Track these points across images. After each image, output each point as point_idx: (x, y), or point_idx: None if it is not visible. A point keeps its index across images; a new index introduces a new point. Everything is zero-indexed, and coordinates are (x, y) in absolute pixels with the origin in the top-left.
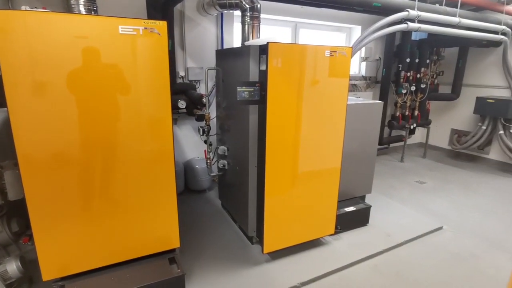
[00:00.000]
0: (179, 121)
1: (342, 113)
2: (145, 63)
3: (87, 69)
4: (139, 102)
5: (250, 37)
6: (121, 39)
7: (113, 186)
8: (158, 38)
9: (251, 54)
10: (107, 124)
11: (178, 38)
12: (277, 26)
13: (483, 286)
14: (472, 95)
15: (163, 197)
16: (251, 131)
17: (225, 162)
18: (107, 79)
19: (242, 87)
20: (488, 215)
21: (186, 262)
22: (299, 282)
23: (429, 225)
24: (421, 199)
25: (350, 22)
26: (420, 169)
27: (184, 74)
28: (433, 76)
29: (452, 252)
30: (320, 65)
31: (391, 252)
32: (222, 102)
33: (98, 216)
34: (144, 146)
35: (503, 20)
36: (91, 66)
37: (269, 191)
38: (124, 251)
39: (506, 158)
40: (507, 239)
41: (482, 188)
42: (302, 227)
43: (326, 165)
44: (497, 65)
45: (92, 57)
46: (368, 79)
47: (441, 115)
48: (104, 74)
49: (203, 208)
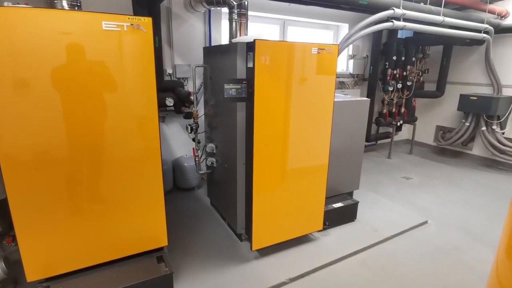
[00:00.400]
0: (167, 119)
1: (329, 110)
2: (130, 60)
3: (70, 66)
4: (124, 100)
5: (237, 34)
6: (104, 35)
7: (99, 185)
8: (143, 34)
9: (238, 51)
10: (91, 122)
11: (165, 35)
12: (265, 23)
13: (466, 279)
14: (456, 93)
15: (151, 195)
16: (239, 129)
17: (214, 160)
18: (91, 77)
19: (229, 85)
20: (471, 209)
21: (174, 260)
22: (288, 278)
23: (414, 220)
24: (407, 194)
25: (338, 20)
26: (406, 165)
27: (172, 71)
28: (419, 74)
29: (436, 246)
30: (307, 62)
31: (378, 246)
32: (210, 100)
33: (83, 216)
34: (131, 145)
35: (486, 18)
36: (74, 63)
37: (258, 188)
38: (111, 250)
39: (488, 154)
40: (489, 233)
41: (466, 183)
42: (290, 224)
43: (314, 161)
44: (480, 63)
45: (75, 54)
46: (355, 77)
47: (426, 112)
48: (87, 71)
49: (192, 206)
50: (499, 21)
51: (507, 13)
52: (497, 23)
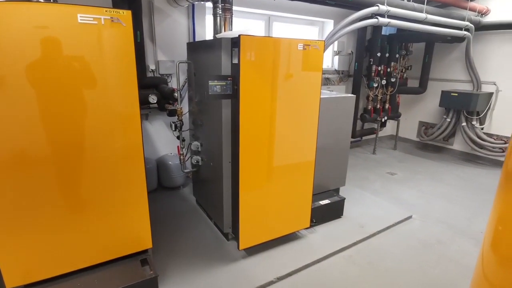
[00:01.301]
0: (151, 117)
1: (315, 106)
2: (109, 56)
3: (44, 62)
4: (104, 97)
5: (222, 29)
6: (80, 29)
7: (78, 186)
8: (122, 28)
9: (222, 47)
10: (69, 120)
11: (147, 30)
12: (250, 19)
13: (450, 272)
14: (438, 89)
15: (133, 196)
16: (224, 126)
17: (199, 158)
18: (67, 73)
19: (214, 81)
20: (453, 203)
21: (159, 262)
22: (275, 277)
23: (399, 215)
24: (392, 190)
25: (323, 16)
26: (391, 160)
27: (155, 67)
28: (402, 71)
29: (420, 240)
30: (293, 58)
31: (365, 242)
32: (194, 97)
33: (62, 219)
34: (111, 143)
35: (467, 16)
36: (48, 59)
37: (244, 186)
38: (92, 254)
39: (468, 149)
40: (470, 226)
41: (447, 178)
42: (277, 222)
43: (300, 158)
44: (460, 60)
45: (50, 49)
46: (341, 73)
47: (409, 108)
48: (63, 67)
49: (177, 206)
50: (479, 19)
51: (487, 11)
52: (478, 21)
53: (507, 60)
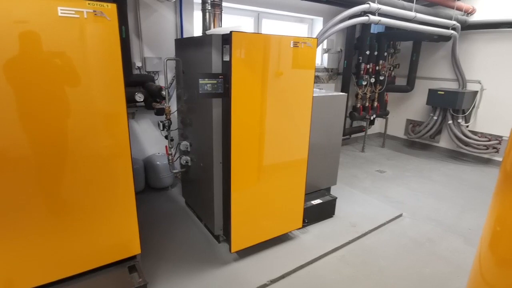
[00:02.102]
0: (137, 115)
1: (308, 105)
2: (93, 52)
3: (23, 58)
4: (87, 95)
5: (211, 26)
6: (61, 23)
7: (61, 189)
8: (107, 23)
9: (213, 44)
10: (50, 119)
11: (133, 25)
12: (239, 15)
13: (440, 270)
14: (425, 87)
15: (120, 198)
16: (215, 126)
17: (188, 159)
18: (48, 70)
19: (205, 79)
20: (441, 200)
21: (148, 268)
22: (268, 280)
23: (390, 213)
24: (382, 188)
25: (312, 13)
26: (380, 158)
27: (141, 64)
28: (390, 69)
29: (411, 238)
30: (286, 56)
31: (357, 242)
32: (183, 95)
33: (44, 225)
34: (96, 143)
35: (454, 15)
36: (28, 55)
37: (236, 187)
38: (77, 263)
39: (453, 146)
40: (459, 223)
41: (435, 175)
42: (270, 223)
43: (293, 158)
44: (446, 58)
45: (29, 44)
46: (330, 71)
47: (397, 106)
48: (43, 64)
49: (166, 207)
50: (465, 18)
51: (473, 10)
52: (464, 20)
53: (492, 59)
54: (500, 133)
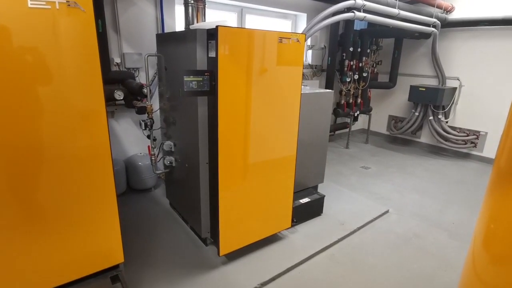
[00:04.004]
0: (117, 114)
1: (296, 102)
2: (66, 47)
3: None
4: (62, 92)
5: (194, 20)
6: (31, 15)
7: (35, 194)
8: (82, 15)
9: (197, 39)
10: (21, 120)
11: (110, 19)
12: (222, 10)
13: (428, 265)
14: (406, 84)
15: (101, 203)
16: (201, 125)
17: (172, 159)
18: (16, 66)
19: (190, 77)
20: (424, 196)
21: (132, 276)
22: (259, 283)
23: (377, 210)
24: (367, 184)
25: (296, 9)
26: (364, 154)
27: (120, 61)
28: (373, 65)
29: (398, 235)
30: (274, 52)
31: (346, 240)
32: (165, 92)
33: (17, 233)
34: (73, 144)
35: (434, 13)
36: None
37: (223, 188)
38: (54, 275)
39: (434, 141)
40: (442, 217)
41: (417, 170)
42: (259, 224)
43: (281, 157)
44: (427, 56)
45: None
46: (314, 68)
47: (380, 103)
48: (11, 60)
49: (149, 209)
50: (445, 16)
51: (452, 8)
52: (444, 18)
53: (470, 56)
54: (478, 128)
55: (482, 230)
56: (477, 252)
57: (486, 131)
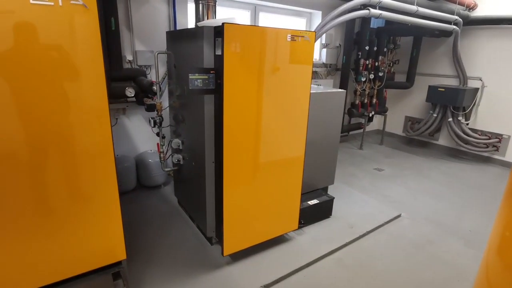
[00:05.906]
0: (128, 111)
1: (305, 101)
2: (69, 44)
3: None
4: (64, 90)
5: (205, 17)
6: (33, 11)
7: (37, 190)
8: (85, 12)
9: (205, 37)
10: (23, 118)
11: (123, 17)
12: (235, 8)
13: (441, 273)
14: (424, 84)
15: (103, 200)
16: (207, 124)
17: (180, 157)
18: (17, 63)
19: (195, 75)
20: (440, 200)
21: (135, 273)
22: (263, 284)
23: (388, 214)
24: (380, 187)
25: (311, 6)
26: (378, 156)
27: (132, 58)
28: (390, 65)
29: (410, 240)
30: (282, 50)
31: (355, 244)
32: (175, 90)
33: (20, 229)
34: (77, 142)
35: (456, 10)
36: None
37: (228, 188)
38: (55, 270)
39: (453, 144)
40: (459, 224)
41: (433, 173)
42: (264, 224)
43: (289, 158)
44: (447, 55)
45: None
46: (328, 66)
47: (396, 103)
48: (12, 56)
49: (158, 206)
50: (467, 13)
51: (475, 5)
52: (466, 15)
53: (493, 56)
54: (501, 131)
55: (496, 238)
56: (491, 260)
57: (509, 134)
